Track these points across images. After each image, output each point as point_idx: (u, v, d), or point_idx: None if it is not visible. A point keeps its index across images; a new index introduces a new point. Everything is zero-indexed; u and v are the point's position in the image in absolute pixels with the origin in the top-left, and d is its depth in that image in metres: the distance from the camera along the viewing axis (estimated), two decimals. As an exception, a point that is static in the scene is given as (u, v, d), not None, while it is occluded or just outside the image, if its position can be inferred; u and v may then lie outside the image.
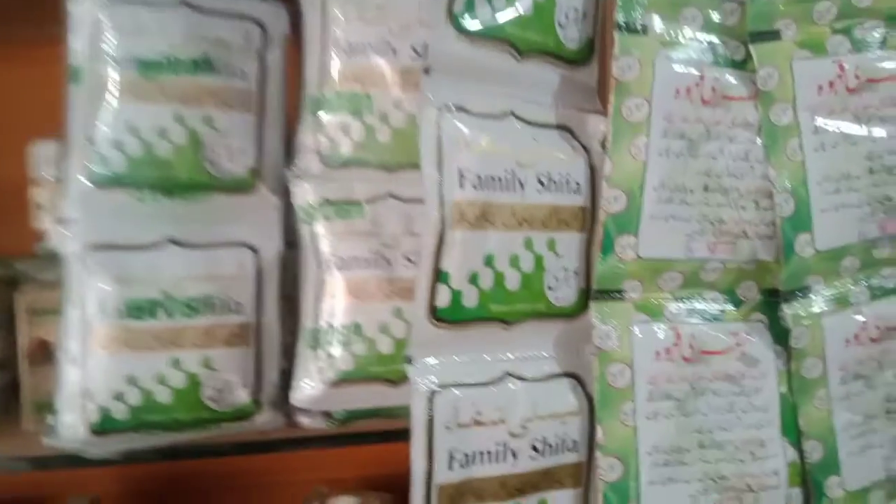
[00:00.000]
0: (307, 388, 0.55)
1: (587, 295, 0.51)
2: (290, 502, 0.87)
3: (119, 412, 0.52)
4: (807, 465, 0.53)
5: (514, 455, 0.49)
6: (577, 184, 0.50)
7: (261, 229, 0.55)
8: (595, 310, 0.50)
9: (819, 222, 0.51)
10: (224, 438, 0.57)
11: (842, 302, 0.53)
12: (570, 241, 0.51)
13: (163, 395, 0.52)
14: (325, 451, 0.70)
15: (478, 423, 0.47)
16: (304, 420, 0.57)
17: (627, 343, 0.50)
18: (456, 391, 0.47)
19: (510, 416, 0.48)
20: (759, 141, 0.51)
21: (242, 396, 0.54)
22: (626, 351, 0.50)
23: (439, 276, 0.46)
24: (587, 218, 0.51)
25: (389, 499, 0.78)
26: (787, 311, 0.52)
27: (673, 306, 0.52)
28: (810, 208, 0.51)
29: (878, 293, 0.54)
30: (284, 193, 0.56)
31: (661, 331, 0.51)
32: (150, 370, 0.52)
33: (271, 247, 0.56)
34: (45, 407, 0.58)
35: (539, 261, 0.49)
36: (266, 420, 0.56)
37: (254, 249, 0.55)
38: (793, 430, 0.53)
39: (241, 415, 0.55)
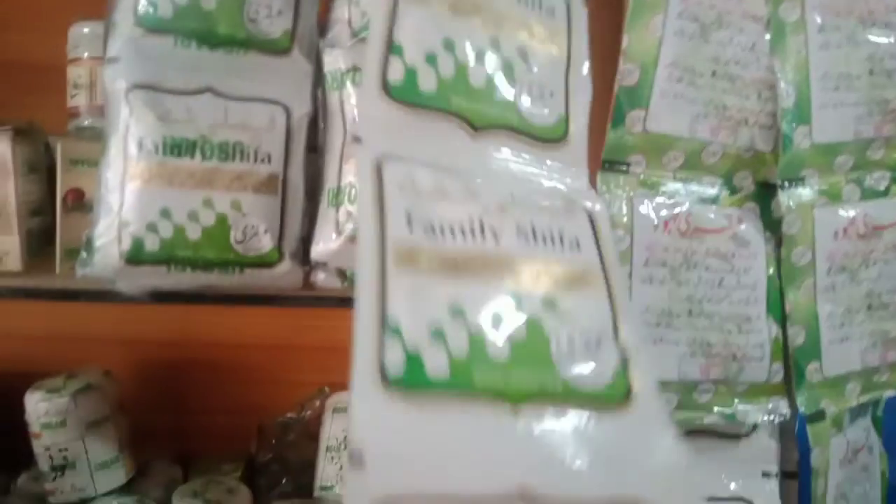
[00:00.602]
0: (327, 241, 0.59)
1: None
2: (293, 399, 0.91)
3: (151, 243, 0.56)
4: (790, 348, 0.56)
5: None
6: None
7: (293, 90, 0.59)
8: (601, 180, 0.53)
9: (818, 117, 0.54)
10: (245, 291, 0.61)
11: (834, 197, 0.57)
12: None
13: (193, 232, 0.56)
14: (333, 351, 0.74)
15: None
16: (320, 277, 0.61)
17: (629, 213, 0.54)
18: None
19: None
20: (766, 35, 0.54)
21: (266, 243, 0.58)
22: (628, 220, 0.54)
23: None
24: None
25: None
26: (782, 197, 0.55)
27: (673, 185, 0.55)
28: (810, 103, 0.54)
29: (868, 193, 0.57)
30: (316, 61, 0.60)
31: (660, 206, 0.54)
32: (184, 206, 0.56)
33: (301, 108, 0.59)
34: (77, 252, 0.62)
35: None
36: (286, 271, 0.60)
37: (286, 108, 0.58)
38: (778, 311, 0.56)
39: (264, 261, 0.58)
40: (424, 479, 0.27)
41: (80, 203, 0.65)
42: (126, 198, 0.55)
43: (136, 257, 0.56)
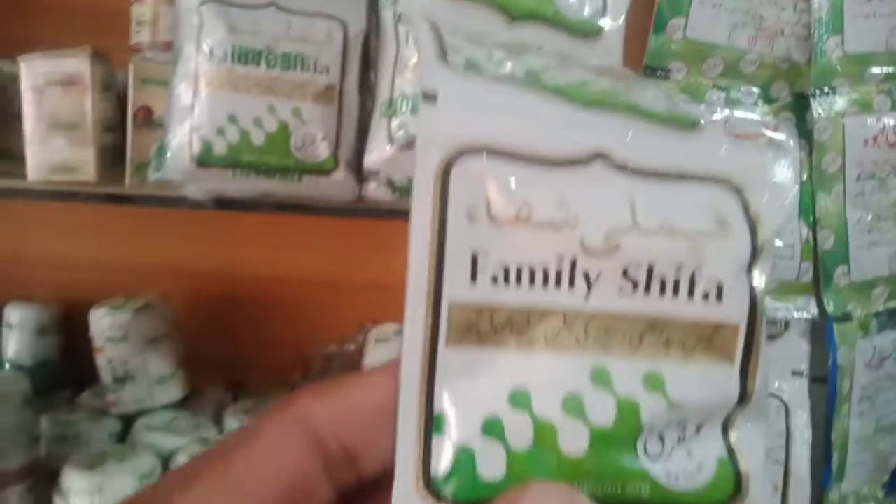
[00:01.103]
0: (380, 151, 0.62)
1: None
2: (338, 334, 0.95)
3: (219, 147, 0.60)
4: (819, 251, 0.59)
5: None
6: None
7: (350, 7, 0.63)
8: (642, 84, 0.57)
9: (850, 27, 0.57)
10: (302, 200, 0.65)
11: (865, 106, 0.59)
12: None
13: (257, 137, 0.60)
14: (377, 289, 0.77)
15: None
16: (371, 187, 0.65)
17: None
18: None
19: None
20: (802, -52, 0.57)
21: (323, 150, 0.62)
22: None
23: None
24: None
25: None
26: (814, 105, 0.58)
27: (712, 93, 0.58)
28: (843, 13, 0.57)
29: (898, 104, 0.60)
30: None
31: (701, 111, 0.57)
32: (249, 112, 0.60)
33: (357, 24, 0.63)
34: (146, 166, 0.67)
35: None
36: (341, 179, 0.64)
37: (343, 23, 0.62)
38: (809, 214, 0.59)
39: (320, 169, 0.62)
40: None
41: (150, 120, 0.69)
42: (197, 103, 0.60)
43: (205, 160, 0.60)
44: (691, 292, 0.22)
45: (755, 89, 0.59)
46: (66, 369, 0.92)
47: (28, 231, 0.97)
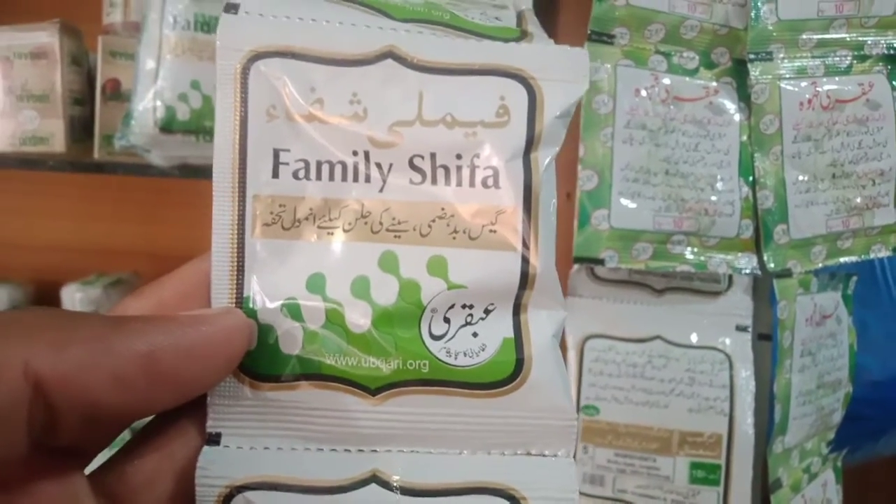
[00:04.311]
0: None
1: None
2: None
3: (182, 113, 0.62)
4: (759, 210, 0.62)
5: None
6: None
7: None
8: (588, 48, 0.59)
9: (783, -5, 0.60)
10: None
11: (800, 71, 0.62)
12: None
13: (220, 103, 0.62)
14: None
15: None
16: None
17: (613, 78, 0.60)
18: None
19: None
20: (737, -79, 0.60)
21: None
22: (612, 85, 0.60)
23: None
24: None
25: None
26: (751, 69, 0.61)
27: (655, 58, 0.61)
28: (775, -17, 0.60)
29: (831, 70, 0.63)
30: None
31: (642, 74, 0.60)
32: (212, 78, 0.62)
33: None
34: (113, 138, 0.69)
35: None
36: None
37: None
38: (749, 173, 0.62)
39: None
40: None
41: (118, 92, 0.71)
42: (161, 70, 0.62)
43: (168, 125, 0.62)
44: (472, 179, 0.24)
45: (696, 55, 0.62)
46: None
47: (1, 214, 0.98)
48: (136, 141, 0.63)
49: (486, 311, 0.24)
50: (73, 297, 0.83)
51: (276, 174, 0.23)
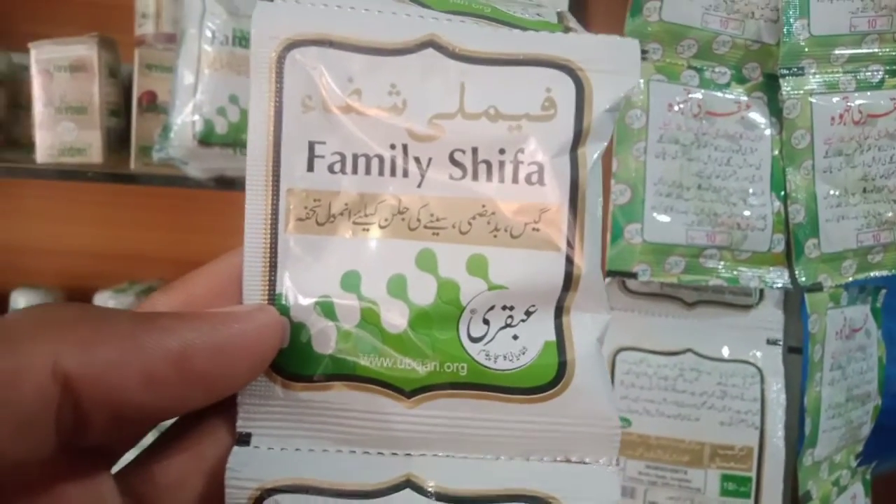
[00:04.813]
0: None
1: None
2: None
3: (221, 127, 0.63)
4: (790, 224, 0.62)
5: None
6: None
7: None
8: (620, 64, 0.60)
9: (815, 11, 0.61)
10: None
11: (831, 86, 0.63)
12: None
13: (257, 116, 0.63)
14: None
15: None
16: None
17: (646, 93, 0.60)
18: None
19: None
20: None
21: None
22: (645, 100, 0.60)
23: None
24: None
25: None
26: (783, 85, 0.61)
27: (687, 73, 0.62)
28: (809, -1, 0.60)
29: (863, 85, 0.63)
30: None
31: (675, 89, 0.61)
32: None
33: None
34: (149, 150, 0.70)
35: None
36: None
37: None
38: (780, 188, 0.62)
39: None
40: None
41: (154, 104, 0.73)
42: (200, 84, 0.63)
43: (207, 139, 0.63)
44: (515, 175, 0.23)
45: (728, 70, 0.62)
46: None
47: (33, 220, 1.00)
48: (175, 153, 0.64)
49: (527, 313, 0.23)
50: (106, 304, 0.85)
51: (311, 167, 0.23)
